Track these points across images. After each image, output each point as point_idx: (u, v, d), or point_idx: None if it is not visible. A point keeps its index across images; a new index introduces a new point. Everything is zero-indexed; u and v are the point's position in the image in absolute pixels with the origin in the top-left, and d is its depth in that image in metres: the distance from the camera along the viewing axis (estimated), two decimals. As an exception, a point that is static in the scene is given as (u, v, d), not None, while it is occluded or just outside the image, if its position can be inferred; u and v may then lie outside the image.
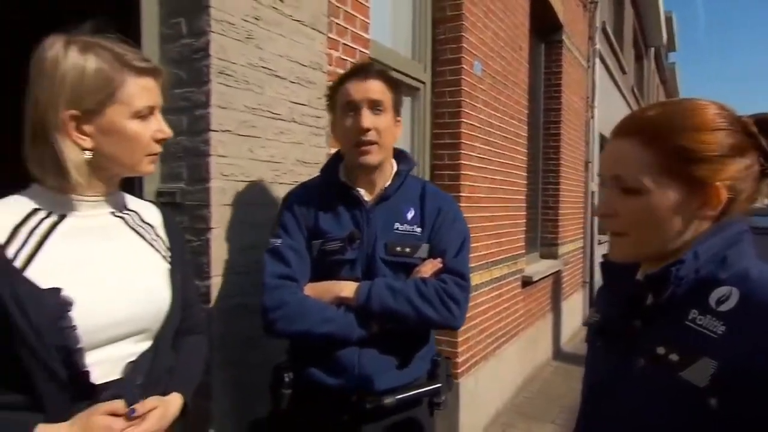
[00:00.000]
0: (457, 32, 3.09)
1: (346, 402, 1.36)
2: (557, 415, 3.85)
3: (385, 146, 1.39)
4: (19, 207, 0.94)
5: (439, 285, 1.33)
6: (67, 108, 0.90)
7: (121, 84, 0.94)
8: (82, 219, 0.98)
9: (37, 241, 0.92)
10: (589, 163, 6.43)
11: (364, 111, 1.35)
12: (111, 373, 0.95)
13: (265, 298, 1.32)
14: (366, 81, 1.36)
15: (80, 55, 0.91)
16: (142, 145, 0.98)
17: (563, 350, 5.53)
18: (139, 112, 0.96)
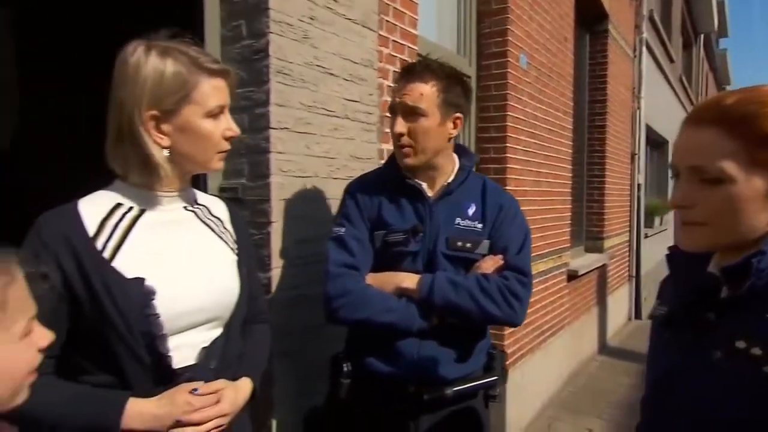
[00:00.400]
0: (503, 25, 3.04)
1: (403, 392, 1.38)
2: (604, 410, 3.76)
3: (424, 149, 1.36)
4: (105, 202, 1.00)
5: (502, 281, 1.32)
6: (148, 108, 0.95)
7: (196, 85, 0.98)
8: (160, 213, 1.03)
9: (121, 233, 0.98)
10: (635, 155, 6.22)
11: (398, 117, 1.35)
12: (187, 358, 1.00)
13: (328, 286, 1.35)
14: (405, 85, 1.35)
15: (159, 59, 0.96)
16: (213, 143, 1.02)
17: (609, 345, 5.39)
18: (212, 112, 1.00)
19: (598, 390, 4.17)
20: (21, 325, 0.65)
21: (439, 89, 1.34)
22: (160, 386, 0.97)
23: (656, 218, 8.03)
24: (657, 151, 8.89)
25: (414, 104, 1.33)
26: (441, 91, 1.35)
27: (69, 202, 1.00)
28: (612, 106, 5.28)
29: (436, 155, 1.40)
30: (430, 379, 1.37)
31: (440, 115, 1.36)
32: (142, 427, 0.95)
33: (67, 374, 0.97)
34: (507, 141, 3.09)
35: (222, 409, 1.00)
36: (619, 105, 5.58)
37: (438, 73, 1.35)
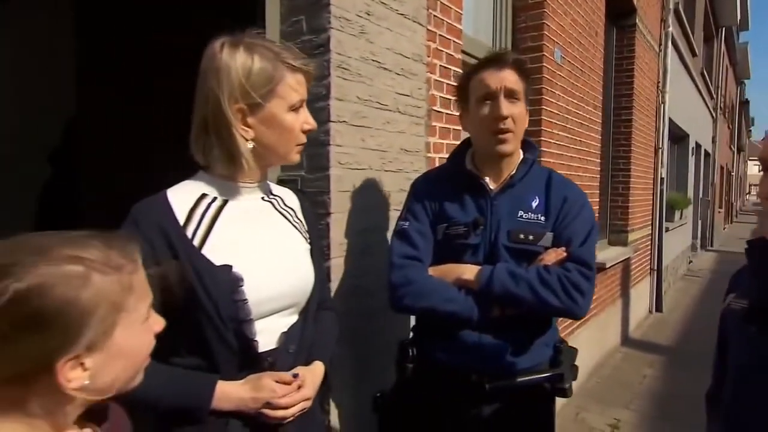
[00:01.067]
0: (539, 20, 3.01)
1: (465, 381, 1.38)
2: (631, 401, 3.75)
3: (518, 135, 1.39)
4: (191, 192, 1.03)
5: (563, 273, 1.30)
6: (236, 102, 0.97)
7: (281, 80, 1.00)
8: (242, 203, 1.05)
9: (208, 223, 1.00)
10: (659, 149, 6.12)
11: (501, 99, 1.34)
12: (268, 342, 1.03)
13: (393, 275, 1.37)
14: (502, 71, 1.35)
15: (247, 54, 0.97)
16: (294, 136, 1.04)
17: (631, 337, 5.36)
18: (294, 106, 1.02)
19: (623, 381, 4.15)
20: (143, 310, 0.67)
21: (524, 79, 1.37)
22: (244, 370, 1.00)
23: (676, 212, 7.91)
24: (678, 144, 8.74)
25: (514, 87, 1.35)
26: (524, 81, 1.38)
27: (158, 192, 1.02)
28: (638, 100, 5.20)
29: (519, 144, 1.42)
30: (491, 369, 1.37)
31: (524, 102, 1.39)
32: (229, 408, 0.98)
33: (158, 357, 1.00)
34: (541, 135, 3.07)
35: (305, 393, 1.03)
36: (644, 99, 5.50)
37: (520, 64, 1.39)
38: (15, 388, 0.56)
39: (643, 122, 5.54)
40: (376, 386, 1.56)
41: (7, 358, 0.54)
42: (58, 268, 0.57)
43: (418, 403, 1.46)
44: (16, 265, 0.55)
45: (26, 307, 0.54)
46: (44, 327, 0.55)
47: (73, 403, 0.60)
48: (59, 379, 0.56)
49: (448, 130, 2.17)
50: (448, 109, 2.16)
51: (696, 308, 6.77)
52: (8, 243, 0.58)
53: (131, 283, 0.63)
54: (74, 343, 0.57)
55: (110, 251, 0.62)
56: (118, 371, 0.63)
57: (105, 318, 0.59)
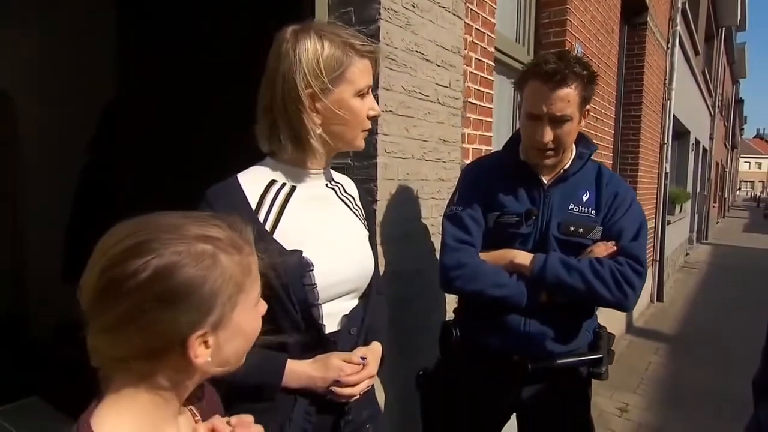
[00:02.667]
0: (563, 15, 2.97)
1: (508, 362, 1.38)
2: (638, 386, 3.76)
3: (564, 149, 1.34)
4: (261, 177, 1.00)
5: (615, 266, 1.28)
6: (306, 87, 0.94)
7: (349, 65, 0.97)
8: (309, 189, 1.03)
9: (278, 208, 0.98)
10: (664, 145, 6.07)
11: (545, 126, 1.29)
12: (331, 325, 1.01)
13: (445, 258, 1.35)
14: (554, 92, 1.26)
15: (317, 40, 0.94)
16: (360, 120, 1.01)
17: (635, 325, 5.35)
18: (361, 91, 0.99)
19: (630, 367, 4.15)
20: (257, 292, 0.65)
21: (580, 90, 1.28)
22: (309, 352, 0.99)
23: (677, 206, 7.87)
24: (679, 141, 8.67)
25: (562, 113, 1.27)
26: (582, 91, 1.29)
27: (230, 176, 0.99)
28: (647, 96, 5.15)
29: (568, 149, 1.38)
30: (534, 352, 1.36)
31: (579, 113, 1.32)
32: (297, 386, 0.97)
33: None
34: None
35: (370, 370, 1.02)
36: (652, 96, 5.44)
37: (580, 74, 1.27)
38: (149, 362, 0.56)
39: (651, 118, 5.49)
40: (414, 367, 1.56)
41: (143, 332, 0.54)
42: (191, 246, 0.56)
43: (460, 382, 1.45)
44: (153, 242, 0.54)
45: (164, 284, 0.54)
46: (179, 303, 0.54)
47: (193, 378, 0.60)
48: (189, 353, 0.56)
49: (481, 122, 2.15)
50: (481, 101, 2.13)
51: (694, 298, 6.77)
52: (138, 222, 0.57)
53: (250, 264, 0.63)
54: (204, 319, 0.56)
55: (233, 232, 0.61)
56: (234, 349, 0.62)
57: (230, 297, 0.59)
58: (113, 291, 0.53)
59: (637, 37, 4.97)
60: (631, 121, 5.07)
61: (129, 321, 0.53)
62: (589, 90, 1.32)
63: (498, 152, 1.53)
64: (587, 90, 1.31)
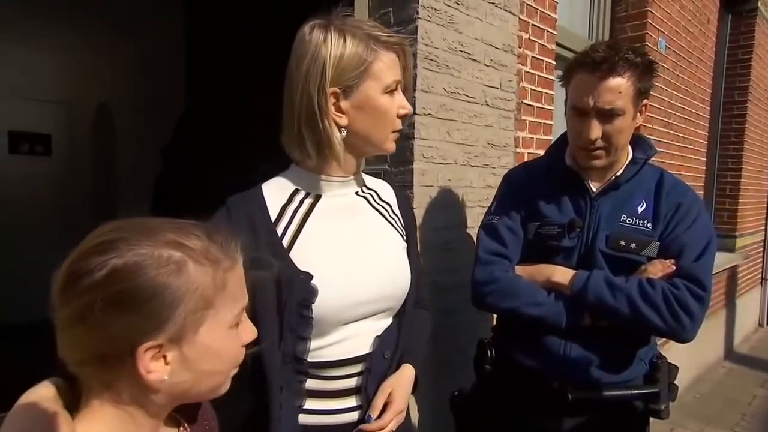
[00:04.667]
0: (642, 7, 2.69)
1: (547, 388, 1.23)
2: (738, 422, 3.28)
3: (617, 148, 1.17)
4: (285, 187, 0.95)
5: (670, 289, 1.09)
6: (330, 85, 0.87)
7: (374, 60, 0.89)
8: (335, 198, 0.96)
9: (299, 220, 0.92)
10: (777, 147, 5.32)
11: (592, 121, 1.14)
12: (362, 346, 0.94)
13: (477, 271, 1.24)
14: (602, 82, 1.11)
15: (338, 36, 0.87)
16: (389, 120, 0.92)
17: (736, 351, 4.72)
18: (389, 87, 0.91)
19: (728, 399, 3.65)
20: (234, 313, 0.59)
21: (634, 80, 1.12)
22: (299, 375, 0.90)
23: (795, 217, 6.86)
24: (798, 143, 7.58)
25: (612, 106, 1.11)
26: (636, 82, 1.12)
27: (254, 186, 0.96)
28: (754, 92, 4.53)
29: (623, 151, 1.21)
30: (576, 379, 1.20)
31: (634, 108, 1.15)
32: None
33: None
34: (639, 130, 2.74)
35: (397, 407, 0.93)
36: (762, 92, 4.79)
37: (632, 62, 1.12)
38: (101, 369, 0.53)
39: (760, 117, 4.83)
40: (454, 384, 1.45)
41: (92, 334, 0.52)
42: (157, 250, 0.53)
43: (495, 406, 1.33)
44: (120, 242, 0.52)
45: (119, 284, 0.51)
46: (132, 307, 0.51)
47: (157, 395, 0.55)
48: (138, 365, 0.52)
49: (538, 125, 1.99)
50: (539, 102, 1.98)
51: (816, 324, 5.84)
52: (119, 222, 0.56)
53: (225, 280, 0.57)
54: (159, 329, 0.52)
55: (211, 243, 0.57)
56: (200, 374, 0.57)
57: (193, 311, 0.54)
58: (71, 287, 0.52)
59: (743, 27, 4.40)
60: (733, 120, 4.50)
61: (79, 320, 0.51)
62: (645, 81, 1.14)
63: (542, 157, 1.39)
64: (643, 81, 1.13)
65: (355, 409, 0.93)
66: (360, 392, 0.93)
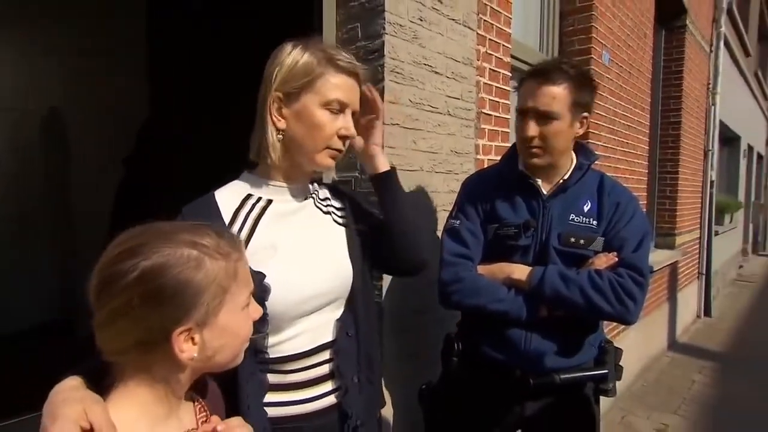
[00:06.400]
0: (587, 23, 2.89)
1: (510, 377, 1.35)
2: (679, 406, 3.54)
3: (554, 151, 1.31)
4: (237, 192, 1.01)
5: (615, 278, 1.23)
6: (276, 89, 0.95)
7: (321, 76, 0.95)
8: (285, 203, 1.02)
9: (252, 223, 0.98)
10: (709, 152, 5.77)
11: (529, 121, 1.29)
12: (324, 335, 1.00)
13: (443, 272, 1.34)
14: (540, 87, 1.27)
15: (301, 51, 0.96)
16: (324, 135, 0.97)
17: (678, 342, 5.07)
18: (329, 104, 0.96)
19: (670, 386, 3.93)
20: (245, 296, 0.70)
21: (570, 90, 1.27)
22: (261, 365, 0.96)
23: (726, 216, 7.44)
24: (728, 147, 8.22)
25: (546, 109, 1.26)
26: (572, 92, 1.27)
27: (207, 193, 1.00)
28: (686, 102, 4.92)
29: (562, 155, 1.34)
30: (536, 367, 1.32)
31: (570, 116, 1.29)
32: None
33: None
34: (588, 137, 2.94)
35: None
36: (693, 101, 5.19)
37: (569, 74, 1.27)
38: (141, 354, 0.62)
39: (692, 124, 5.23)
40: (426, 379, 1.54)
41: (133, 326, 0.60)
42: (178, 250, 0.62)
43: (463, 396, 1.42)
44: (145, 246, 0.61)
45: (151, 283, 0.59)
46: (163, 300, 0.60)
47: (185, 371, 0.65)
48: (174, 348, 0.61)
49: (496, 133, 2.12)
50: (497, 111, 2.11)
51: (748, 314, 6.34)
52: (139, 228, 0.65)
53: (236, 270, 0.67)
54: (187, 316, 0.62)
55: (221, 240, 0.67)
56: (221, 348, 0.67)
57: (213, 298, 0.63)
58: (107, 289, 0.60)
59: (675, 41, 4.77)
60: (670, 127, 4.86)
61: (120, 316, 0.60)
62: (582, 94, 1.29)
63: (497, 164, 1.51)
64: (579, 93, 1.28)
65: (331, 393, 1.00)
66: (334, 376, 1.01)
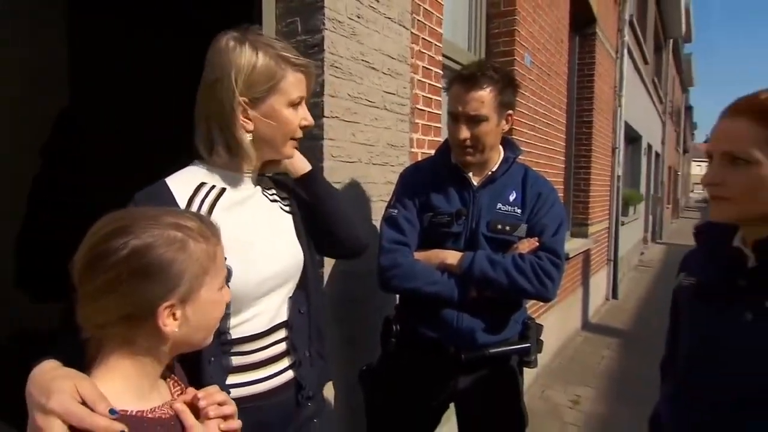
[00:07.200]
0: (511, 26, 3.09)
1: (444, 353, 1.45)
2: (591, 380, 3.90)
3: (484, 148, 1.42)
4: (190, 180, 1.01)
5: (535, 261, 1.36)
6: (241, 95, 0.97)
7: (283, 77, 1.00)
8: (238, 192, 1.05)
9: (207, 210, 0.99)
10: (616, 149, 6.34)
11: (461, 125, 1.38)
12: (279, 315, 1.05)
13: (382, 259, 1.41)
14: (468, 93, 1.36)
15: (252, 51, 0.97)
16: (291, 130, 1.04)
17: (590, 322, 5.55)
18: (293, 102, 1.02)
19: (584, 362, 4.31)
20: (221, 278, 0.74)
21: (495, 93, 1.37)
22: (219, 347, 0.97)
23: (630, 207, 8.20)
24: (632, 145, 9.05)
25: (476, 113, 1.36)
26: (498, 94, 1.38)
27: (158, 180, 1.00)
28: (598, 103, 5.38)
29: (492, 150, 1.45)
30: (467, 343, 1.43)
31: (497, 116, 1.40)
32: None
33: None
34: (512, 134, 3.15)
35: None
36: (603, 103, 5.68)
37: (494, 78, 1.37)
38: (126, 328, 0.65)
39: (602, 124, 5.72)
40: (369, 361, 1.60)
41: (121, 301, 0.64)
42: (165, 231, 0.66)
43: (400, 375, 1.51)
44: (133, 226, 0.65)
45: (140, 260, 0.63)
46: (151, 277, 0.64)
47: (166, 344, 0.69)
48: (158, 320, 0.65)
49: (429, 127, 2.22)
50: (429, 107, 2.21)
51: (648, 296, 7.06)
52: (124, 211, 0.70)
53: (215, 253, 0.72)
54: (172, 292, 0.66)
55: (202, 224, 0.71)
56: (198, 326, 0.71)
57: (195, 278, 0.68)
58: (98, 264, 0.63)
59: (587, 47, 5.20)
60: (583, 126, 5.28)
61: (109, 290, 0.63)
62: (507, 95, 1.40)
63: (432, 157, 1.60)
64: (504, 94, 1.39)
65: (288, 369, 1.05)
66: (289, 353, 1.06)
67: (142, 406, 0.66)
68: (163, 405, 0.70)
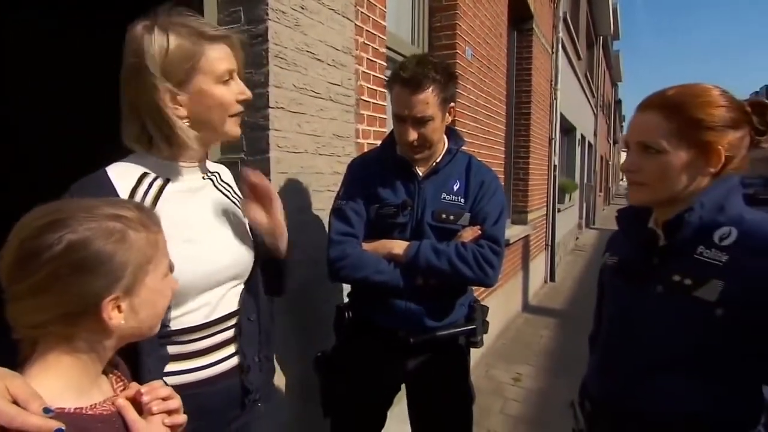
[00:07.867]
0: (452, 20, 3.17)
1: (394, 337, 1.50)
2: (530, 358, 4.13)
3: (432, 144, 1.46)
4: (132, 171, 0.97)
5: (477, 249, 1.42)
6: (162, 82, 0.92)
7: (201, 54, 0.94)
8: (183, 182, 1.02)
9: (151, 201, 0.96)
10: (552, 140, 6.66)
11: (408, 127, 1.40)
12: (226, 307, 1.03)
13: (331, 250, 1.44)
14: (412, 96, 1.36)
15: (161, 34, 0.91)
16: (225, 107, 0.99)
17: (530, 304, 5.84)
18: (221, 77, 0.97)
19: (524, 341, 4.55)
20: (165, 265, 0.73)
21: (438, 91, 1.39)
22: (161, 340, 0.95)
23: (566, 195, 8.65)
24: (567, 136, 9.53)
25: (422, 115, 1.38)
26: (440, 92, 1.39)
27: (97, 170, 0.95)
28: (535, 96, 5.62)
29: (438, 144, 1.50)
30: (416, 327, 1.49)
31: (441, 112, 1.43)
32: None
33: None
34: (454, 125, 3.24)
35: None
36: (540, 95, 5.94)
37: (435, 77, 1.37)
38: (65, 325, 0.63)
39: (540, 116, 5.99)
40: (314, 353, 1.63)
41: (59, 298, 0.61)
42: (102, 223, 0.64)
43: (353, 360, 1.55)
44: (68, 219, 0.62)
45: (78, 254, 0.61)
46: (91, 271, 0.62)
47: (109, 339, 0.67)
48: (103, 314, 0.63)
49: (374, 118, 2.26)
50: (374, 98, 2.25)
51: (582, 278, 7.51)
52: (59, 203, 0.65)
53: (157, 240, 0.70)
54: (115, 284, 0.64)
55: (141, 213, 0.69)
56: (144, 317, 0.70)
57: (138, 267, 0.67)
58: (31, 261, 0.60)
59: (525, 42, 5.41)
60: (522, 118, 5.51)
61: (46, 288, 0.60)
62: (448, 90, 1.43)
63: (377, 148, 1.64)
64: (446, 90, 1.42)
65: (234, 355, 1.04)
66: (236, 340, 1.04)
67: (81, 403, 0.63)
68: (105, 401, 0.67)
